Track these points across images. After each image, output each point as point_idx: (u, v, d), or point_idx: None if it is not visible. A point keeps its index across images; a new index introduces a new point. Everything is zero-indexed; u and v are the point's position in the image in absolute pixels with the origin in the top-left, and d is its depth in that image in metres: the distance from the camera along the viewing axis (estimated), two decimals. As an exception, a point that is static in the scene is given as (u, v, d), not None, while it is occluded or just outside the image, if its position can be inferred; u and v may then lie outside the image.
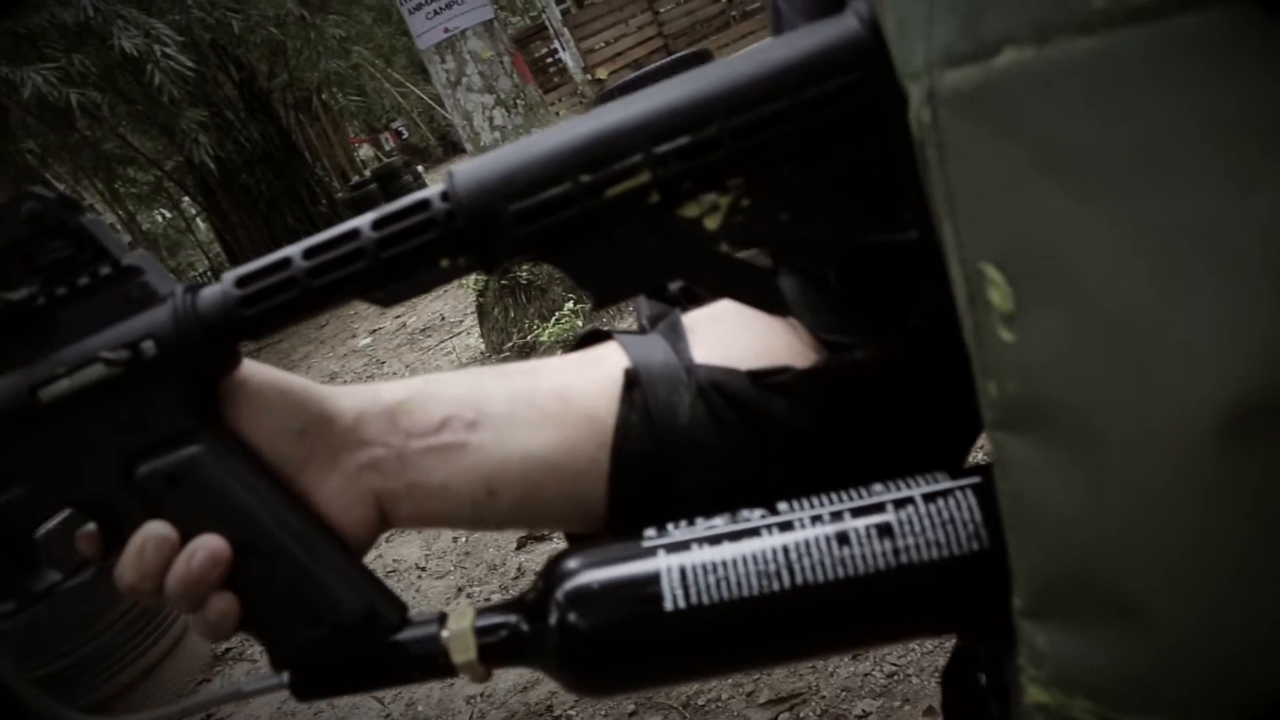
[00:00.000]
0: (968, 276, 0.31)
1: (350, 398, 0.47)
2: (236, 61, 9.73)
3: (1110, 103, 0.27)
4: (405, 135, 23.79)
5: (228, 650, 3.16)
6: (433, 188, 0.40)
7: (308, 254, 0.40)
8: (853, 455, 0.47)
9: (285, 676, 0.45)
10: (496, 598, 2.71)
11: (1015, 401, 0.31)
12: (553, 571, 0.43)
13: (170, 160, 10.26)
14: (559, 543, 2.82)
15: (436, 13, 4.24)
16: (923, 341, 0.46)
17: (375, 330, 6.51)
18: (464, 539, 3.10)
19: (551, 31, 9.93)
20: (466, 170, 0.40)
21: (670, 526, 0.43)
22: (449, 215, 0.39)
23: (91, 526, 0.45)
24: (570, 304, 4.02)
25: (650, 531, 0.43)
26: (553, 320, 4.00)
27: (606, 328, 0.53)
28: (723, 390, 0.47)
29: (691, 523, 0.43)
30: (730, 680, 2.02)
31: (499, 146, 0.40)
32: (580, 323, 3.97)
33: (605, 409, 0.48)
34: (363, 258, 0.40)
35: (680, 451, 0.47)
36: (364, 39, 11.43)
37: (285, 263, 0.41)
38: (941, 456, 0.47)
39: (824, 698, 1.86)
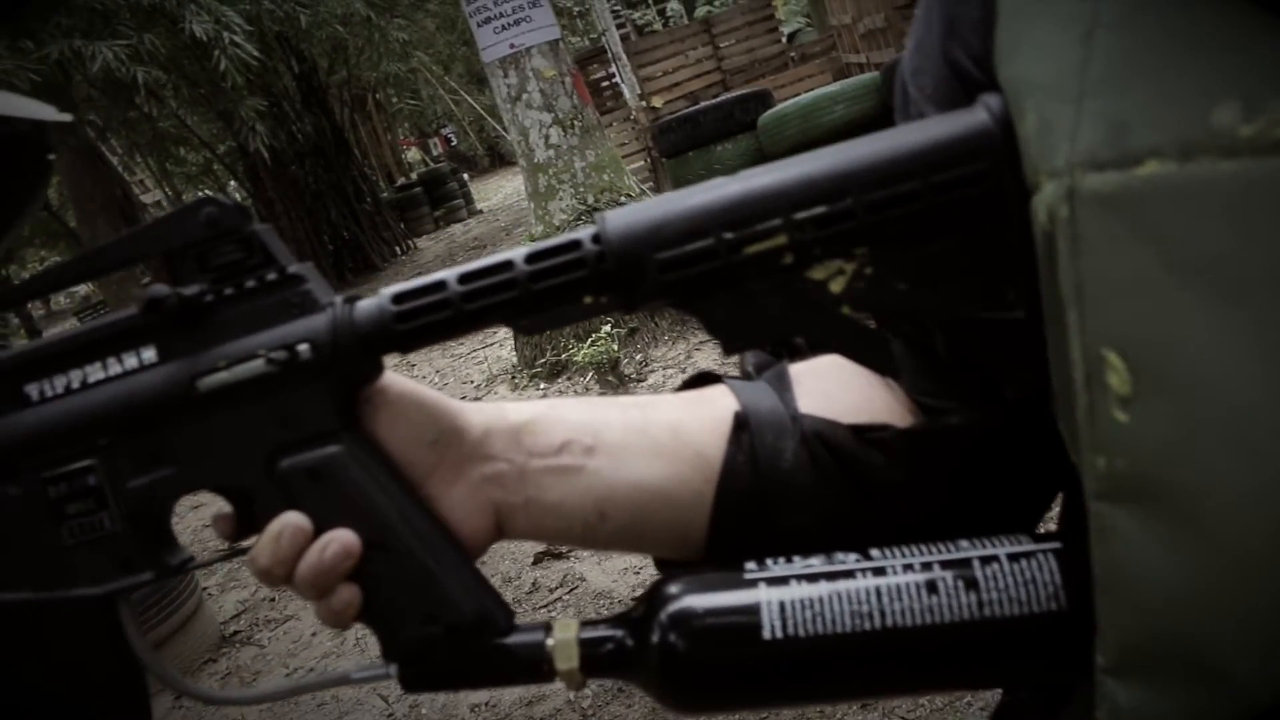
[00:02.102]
0: (1088, 359, 0.34)
1: (479, 414, 0.51)
2: (299, 55, 9.91)
3: (1247, 220, 0.30)
4: (454, 142, 24.03)
5: (236, 634, 3.19)
6: (584, 229, 0.44)
7: (462, 279, 0.44)
8: (941, 512, 0.50)
9: (394, 668, 0.48)
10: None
11: (1123, 476, 0.34)
12: (657, 594, 0.46)
13: (223, 144, 10.43)
14: (576, 561, 2.84)
15: (505, 28, 4.32)
16: (1013, 413, 0.49)
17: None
18: (480, 548, 3.11)
19: (610, 56, 10.03)
20: (617, 217, 0.43)
21: (769, 561, 0.46)
22: (599, 257, 0.42)
23: (227, 509, 0.49)
24: (607, 327, 4.05)
25: (751, 564, 0.46)
26: (589, 341, 4.03)
27: (717, 371, 0.57)
28: (825, 440, 0.51)
29: (789, 560, 0.46)
30: (736, 718, 2.02)
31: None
32: (616, 347, 3.99)
33: (714, 447, 0.51)
34: (514, 288, 0.43)
35: (781, 493, 0.50)
36: (425, 44, 11.60)
37: (441, 285, 0.44)
38: (1020, 520, 0.50)
39: (831, 743, 1.87)
